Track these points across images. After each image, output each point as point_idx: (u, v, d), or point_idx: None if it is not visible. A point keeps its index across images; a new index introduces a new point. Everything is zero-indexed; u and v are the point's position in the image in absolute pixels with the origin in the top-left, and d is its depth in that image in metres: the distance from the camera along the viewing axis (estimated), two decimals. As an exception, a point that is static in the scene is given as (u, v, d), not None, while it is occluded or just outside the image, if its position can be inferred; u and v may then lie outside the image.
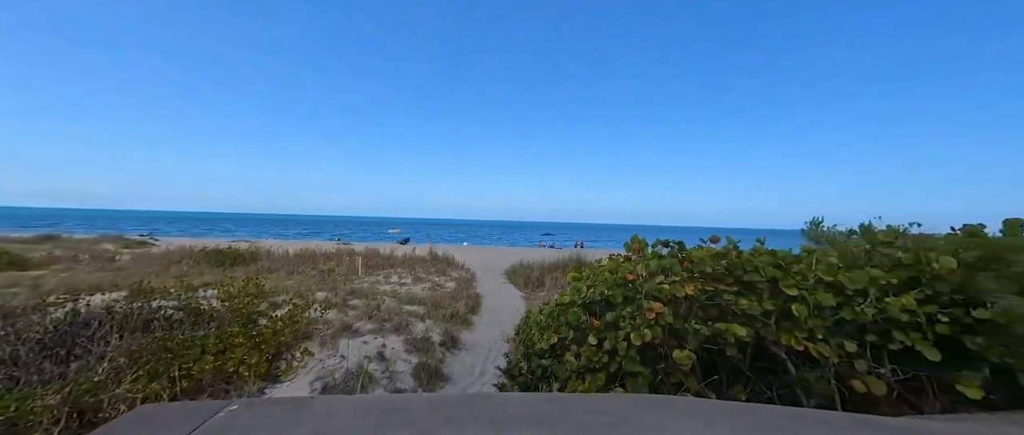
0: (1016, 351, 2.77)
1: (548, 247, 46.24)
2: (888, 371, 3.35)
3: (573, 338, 3.55)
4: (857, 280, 3.03)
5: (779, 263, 3.22)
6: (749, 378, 3.86)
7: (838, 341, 3.07)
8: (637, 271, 3.55)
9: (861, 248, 3.46)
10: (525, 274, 16.11)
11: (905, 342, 3.05)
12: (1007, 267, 2.94)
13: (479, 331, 8.90)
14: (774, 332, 3.10)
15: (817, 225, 4.10)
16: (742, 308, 3.02)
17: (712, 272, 3.33)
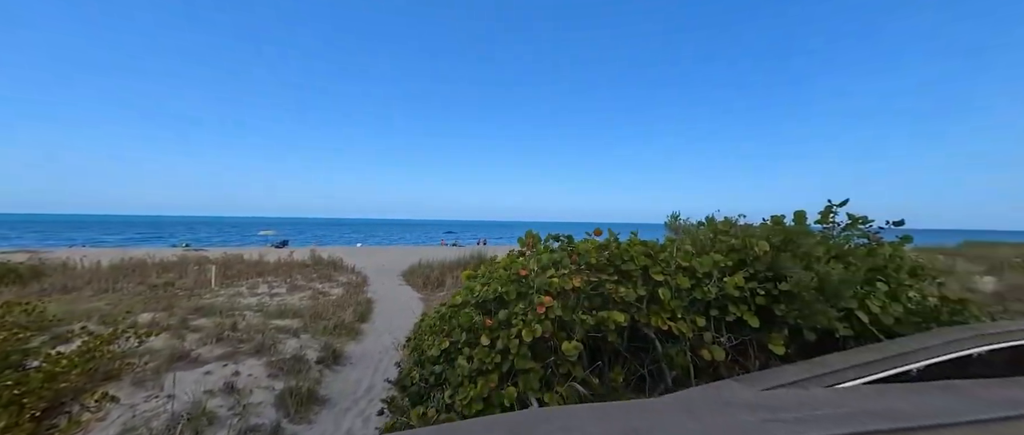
0: (803, 313, 3.62)
1: (450, 245, 45.50)
2: (725, 339, 4.06)
3: (466, 340, 3.34)
4: (705, 264, 3.57)
5: (649, 252, 3.56)
6: (626, 359, 4.25)
7: (692, 318, 3.57)
8: (530, 266, 3.52)
9: (707, 236, 4.10)
10: (424, 274, 15.36)
11: (737, 314, 3.73)
12: (797, 248, 3.82)
13: (369, 341, 8.03)
14: (645, 315, 3.43)
15: (676, 218, 4.79)
16: (620, 296, 3.23)
17: (596, 263, 3.51)
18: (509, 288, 3.40)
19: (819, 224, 4.37)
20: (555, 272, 3.36)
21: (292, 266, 16.76)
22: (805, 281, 3.53)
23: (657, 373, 4.14)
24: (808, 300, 3.48)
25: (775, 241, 3.88)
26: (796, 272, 3.63)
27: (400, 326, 8.68)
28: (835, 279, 3.60)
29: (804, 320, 3.62)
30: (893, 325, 4.17)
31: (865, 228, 4.29)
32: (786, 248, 3.83)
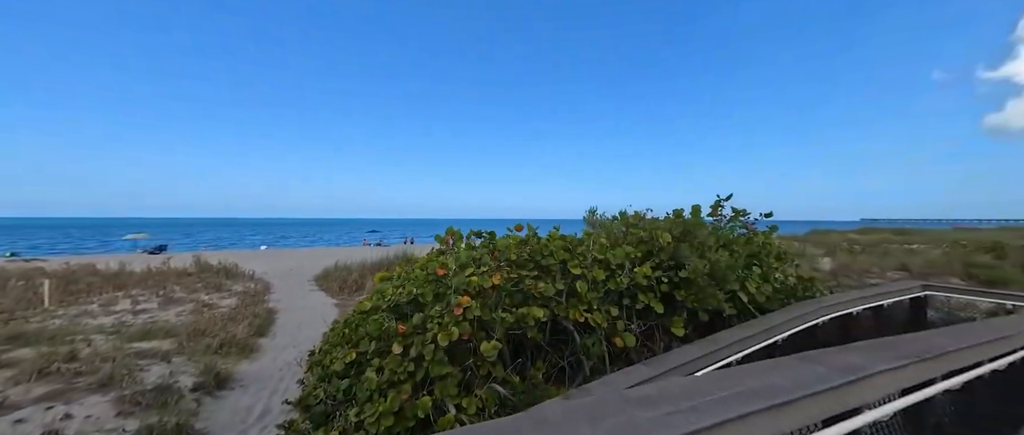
0: (698, 297, 4.04)
1: (374, 245, 42.35)
2: (636, 326, 4.36)
3: (376, 350, 3.00)
4: (618, 256, 3.75)
5: (568, 246, 3.61)
6: (548, 352, 4.31)
7: (607, 308, 3.73)
8: (449, 265, 3.31)
9: (620, 230, 4.34)
10: (341, 277, 13.92)
11: (645, 301, 4.01)
12: (694, 238, 4.25)
13: (267, 358, 6.94)
14: (564, 309, 3.47)
15: (594, 213, 5.04)
16: (540, 291, 3.21)
17: (516, 259, 3.44)
18: (425, 289, 3.15)
19: (710, 217, 4.96)
20: (475, 270, 3.20)
21: (168, 275, 13.81)
22: (700, 268, 3.94)
23: (576, 364, 4.27)
24: (702, 285, 3.89)
25: (676, 233, 4.27)
26: (693, 260, 4.04)
27: (309, 338, 7.69)
28: (723, 265, 4.09)
29: (699, 303, 4.04)
30: (765, 302, 4.92)
31: (744, 220, 4.98)
32: (685, 239, 4.24)
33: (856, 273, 10.96)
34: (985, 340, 2.58)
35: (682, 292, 4.00)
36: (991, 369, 2.45)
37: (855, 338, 5.42)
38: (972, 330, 2.89)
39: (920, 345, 2.11)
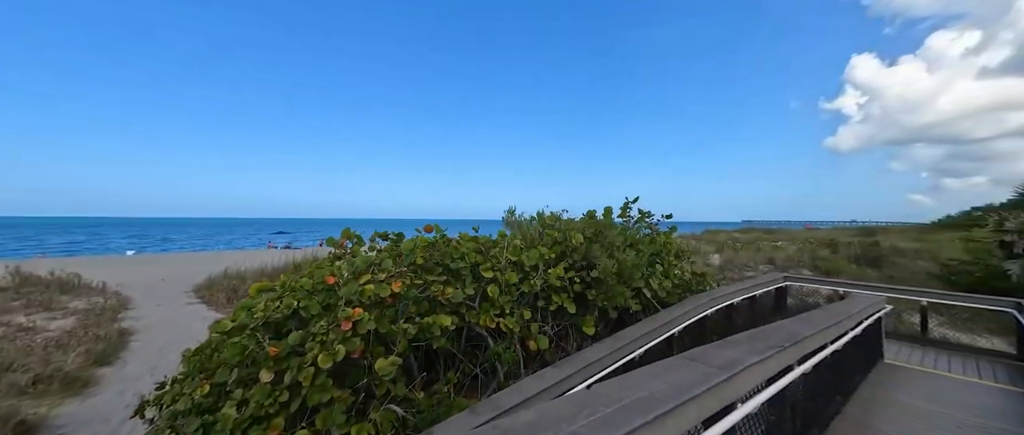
0: (607, 295, 4.17)
1: (281, 248, 36.72)
2: (550, 327, 4.36)
3: (238, 379, 2.43)
4: (532, 258, 3.68)
5: (481, 248, 3.41)
6: (462, 361, 4.07)
7: (520, 311, 3.63)
8: (342, 272, 2.86)
9: (537, 230, 4.29)
10: (231, 287, 11.76)
11: (559, 302, 4.02)
12: (604, 239, 4.40)
13: (110, 393, 5.41)
14: (476, 315, 3.27)
15: (512, 213, 4.97)
16: (448, 297, 2.94)
17: (423, 263, 3.13)
18: (310, 302, 2.67)
19: (620, 218, 5.24)
20: (372, 277, 2.81)
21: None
22: (609, 268, 4.08)
23: (491, 371, 4.12)
24: (611, 284, 4.04)
25: (589, 233, 4.39)
26: (603, 260, 4.17)
27: (175, 363, 6.27)
28: (630, 264, 4.30)
29: (608, 302, 4.19)
30: (666, 297, 5.34)
31: (649, 221, 5.36)
32: (597, 239, 4.37)
33: (738, 267, 12.84)
34: (829, 324, 3.04)
35: (593, 292, 4.10)
36: (832, 350, 2.88)
37: (737, 325, 6.21)
38: (819, 315, 3.41)
39: (782, 334, 2.36)
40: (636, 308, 4.66)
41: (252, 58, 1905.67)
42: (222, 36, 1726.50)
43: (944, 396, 3.88)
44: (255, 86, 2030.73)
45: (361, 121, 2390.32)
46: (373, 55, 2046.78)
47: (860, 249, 13.63)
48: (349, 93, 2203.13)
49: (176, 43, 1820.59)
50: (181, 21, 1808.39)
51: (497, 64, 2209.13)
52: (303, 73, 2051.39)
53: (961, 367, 4.74)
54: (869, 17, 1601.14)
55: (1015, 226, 8.11)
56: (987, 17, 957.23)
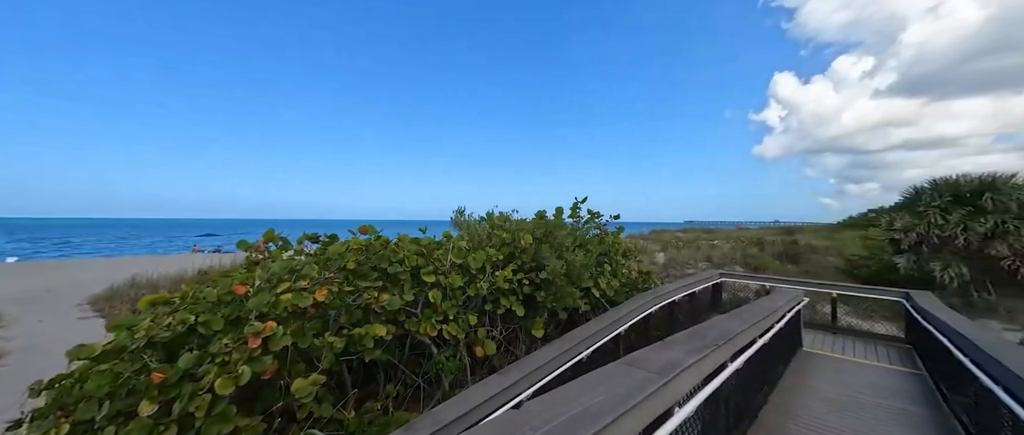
0: (556, 296, 4.13)
1: (210, 252, 32.34)
2: (498, 331, 4.23)
3: (109, 413, 1.99)
4: (479, 260, 3.52)
5: (422, 251, 3.18)
6: (403, 372, 3.80)
7: (466, 317, 3.45)
8: (254, 280, 2.49)
9: (485, 231, 4.14)
10: (138, 297, 10.17)
11: (507, 305, 3.90)
12: (554, 239, 4.36)
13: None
14: (416, 322, 3.03)
15: (461, 213, 4.78)
16: (383, 304, 2.68)
17: (356, 269, 2.83)
18: (211, 317, 2.28)
19: (570, 218, 5.26)
20: (292, 285, 2.48)
21: None
22: (558, 269, 4.05)
23: (436, 380, 3.90)
24: (560, 285, 4.01)
25: (538, 234, 4.33)
26: (552, 261, 4.13)
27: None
28: (578, 264, 4.30)
29: (558, 303, 4.16)
30: (614, 296, 5.46)
31: (598, 221, 5.44)
32: (547, 240, 4.33)
33: (680, 265, 13.67)
34: (758, 319, 3.22)
35: (543, 293, 4.03)
36: (761, 344, 3.03)
37: (678, 320, 6.52)
38: (750, 311, 3.63)
39: (717, 332, 2.42)
40: (585, 308, 4.69)
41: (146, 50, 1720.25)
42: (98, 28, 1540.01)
43: (850, 379, 4.32)
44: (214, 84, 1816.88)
45: (329, 121, 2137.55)
46: (358, 51, 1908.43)
47: (782, 247, 15.16)
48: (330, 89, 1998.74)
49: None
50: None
51: (458, 68, 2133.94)
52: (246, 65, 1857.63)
53: (863, 351, 5.35)
54: (788, 40, 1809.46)
55: (901, 226, 9.42)
56: (878, 46, 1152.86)
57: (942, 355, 3.95)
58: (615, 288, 5.22)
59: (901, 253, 9.49)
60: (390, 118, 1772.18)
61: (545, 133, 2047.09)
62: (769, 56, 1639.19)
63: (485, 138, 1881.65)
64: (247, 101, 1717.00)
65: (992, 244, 8.16)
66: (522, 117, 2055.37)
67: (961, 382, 3.31)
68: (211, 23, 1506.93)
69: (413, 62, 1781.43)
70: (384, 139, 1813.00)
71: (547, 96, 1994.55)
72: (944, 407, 3.59)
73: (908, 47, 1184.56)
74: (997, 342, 2.93)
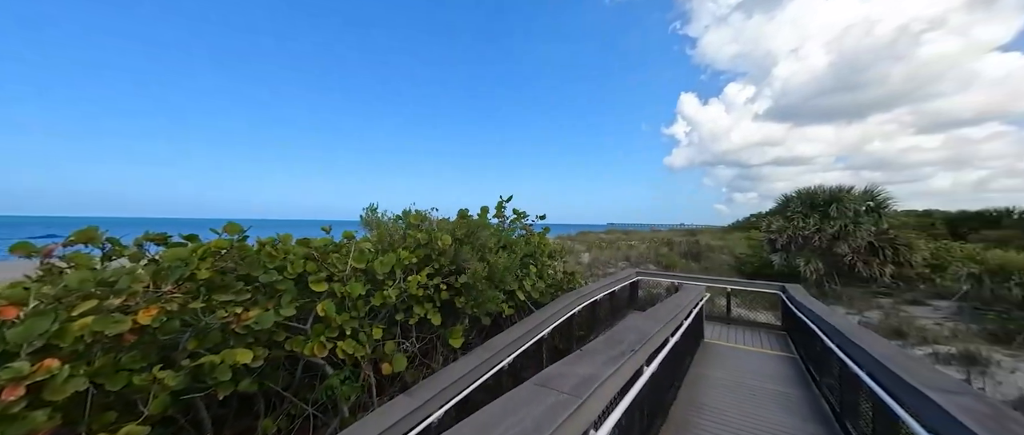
0: (477, 301, 3.84)
1: (42, 257, 24.71)
2: (412, 343, 3.80)
3: None
4: (386, 264, 3.07)
5: (313, 254, 2.63)
6: (290, 401, 3.15)
7: (368, 330, 2.97)
8: (35, 298, 1.73)
9: (399, 231, 3.67)
10: None
11: (421, 314, 3.50)
12: (476, 240, 4.07)
13: None
14: (301, 342, 2.48)
15: (373, 211, 4.23)
16: (248, 323, 2.10)
17: (212, 278, 2.19)
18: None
19: (495, 218, 5.04)
20: (102, 304, 1.78)
21: None
22: (479, 272, 3.77)
23: (332, 406, 3.32)
24: (481, 289, 3.73)
25: (459, 234, 4.00)
26: (473, 264, 3.83)
27: None
28: (502, 266, 4.08)
29: (478, 308, 3.88)
30: (540, 298, 5.37)
31: (525, 221, 5.31)
32: (468, 241, 4.02)
33: (603, 264, 14.48)
34: (671, 317, 3.31)
35: (462, 299, 3.71)
36: (673, 343, 3.11)
37: (600, 319, 6.73)
38: (663, 309, 3.77)
39: (634, 335, 2.36)
40: (509, 312, 4.49)
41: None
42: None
43: (740, 364, 4.80)
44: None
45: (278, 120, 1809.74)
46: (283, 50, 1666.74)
47: (687, 246, 16.98)
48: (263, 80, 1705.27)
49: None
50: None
51: (389, 68, 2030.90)
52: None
53: (751, 339, 6.05)
54: (692, 65, 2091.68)
55: (776, 228, 11.11)
56: (758, 77, 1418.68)
57: (809, 339, 4.59)
58: (541, 290, 5.12)
59: (776, 251, 11.21)
60: (315, 114, 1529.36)
61: (481, 135, 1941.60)
62: (677, 78, 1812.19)
63: (420, 139, 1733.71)
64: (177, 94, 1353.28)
65: (838, 244, 10.03)
66: (458, 120, 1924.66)
67: (826, 364, 3.80)
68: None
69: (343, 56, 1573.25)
70: (314, 138, 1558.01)
71: (483, 99, 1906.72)
72: (813, 387, 4.11)
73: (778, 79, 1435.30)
74: (855, 329, 3.38)
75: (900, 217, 10.97)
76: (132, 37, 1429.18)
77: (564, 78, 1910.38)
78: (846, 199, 10.43)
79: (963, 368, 5.29)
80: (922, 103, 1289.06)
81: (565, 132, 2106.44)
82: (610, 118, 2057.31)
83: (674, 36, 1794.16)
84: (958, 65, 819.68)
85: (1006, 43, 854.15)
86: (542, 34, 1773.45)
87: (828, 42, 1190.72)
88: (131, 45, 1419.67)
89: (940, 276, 9.31)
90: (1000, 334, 6.19)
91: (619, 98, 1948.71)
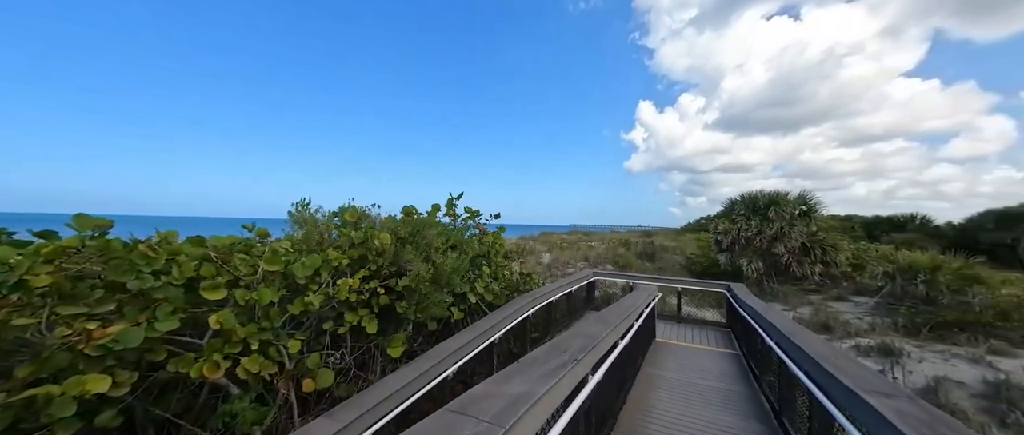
0: (421, 306, 3.53)
1: None
2: (346, 354, 3.40)
3: None
4: (310, 265, 2.68)
5: (209, 254, 2.20)
6: (188, 429, 2.65)
7: (284, 344, 2.57)
8: None
9: (327, 229, 3.27)
10: None
11: (354, 321, 3.13)
12: (421, 239, 3.75)
13: None
14: (190, 361, 2.05)
15: (304, 206, 3.77)
16: (104, 342, 1.67)
17: (57, 285, 1.72)
18: None
19: (446, 216, 4.74)
20: None
21: None
22: (423, 273, 3.47)
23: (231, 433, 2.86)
24: (425, 292, 3.42)
25: (403, 233, 3.67)
26: (416, 265, 3.52)
27: None
28: (449, 268, 3.79)
29: (423, 313, 3.57)
30: (494, 300, 5.13)
31: (478, 220, 5.05)
32: (411, 240, 3.69)
33: (563, 265, 14.58)
34: (621, 319, 3.21)
35: (404, 304, 3.38)
36: (623, 346, 3.00)
37: (556, 321, 6.63)
38: (614, 310, 3.67)
39: (580, 341, 2.20)
40: (458, 315, 4.21)
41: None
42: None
43: (689, 363, 4.87)
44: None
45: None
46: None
47: (642, 247, 17.58)
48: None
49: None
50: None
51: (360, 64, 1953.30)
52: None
53: (699, 337, 6.22)
54: (650, 74, 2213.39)
55: (722, 230, 11.73)
56: (708, 89, 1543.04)
57: (751, 337, 4.75)
58: (495, 292, 4.89)
59: (722, 251, 11.84)
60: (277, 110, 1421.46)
61: (447, 135, 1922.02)
62: (637, 86, 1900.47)
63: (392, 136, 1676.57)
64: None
65: (776, 245, 10.76)
66: (420, 120, 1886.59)
67: (766, 361, 3.91)
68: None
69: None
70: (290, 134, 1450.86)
71: (454, 100, 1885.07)
72: (754, 384, 4.23)
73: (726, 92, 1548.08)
74: (792, 327, 3.46)
75: (827, 221, 12.01)
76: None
77: (531, 83, 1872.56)
78: (783, 203, 11.26)
79: (881, 359, 5.77)
80: (845, 119, 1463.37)
81: (531, 135, 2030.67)
82: (574, 122, 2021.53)
83: (634, 46, 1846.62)
84: (873, 87, 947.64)
85: (910, 70, 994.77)
86: (510, 37, 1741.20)
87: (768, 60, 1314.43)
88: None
89: (859, 274, 10.28)
90: (909, 326, 6.87)
91: (583, 103, 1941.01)
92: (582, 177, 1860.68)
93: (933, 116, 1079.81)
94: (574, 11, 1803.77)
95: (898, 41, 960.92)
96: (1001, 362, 5.36)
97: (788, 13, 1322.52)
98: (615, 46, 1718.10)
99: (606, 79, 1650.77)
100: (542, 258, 15.94)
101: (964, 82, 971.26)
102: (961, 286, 7.40)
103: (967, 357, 5.58)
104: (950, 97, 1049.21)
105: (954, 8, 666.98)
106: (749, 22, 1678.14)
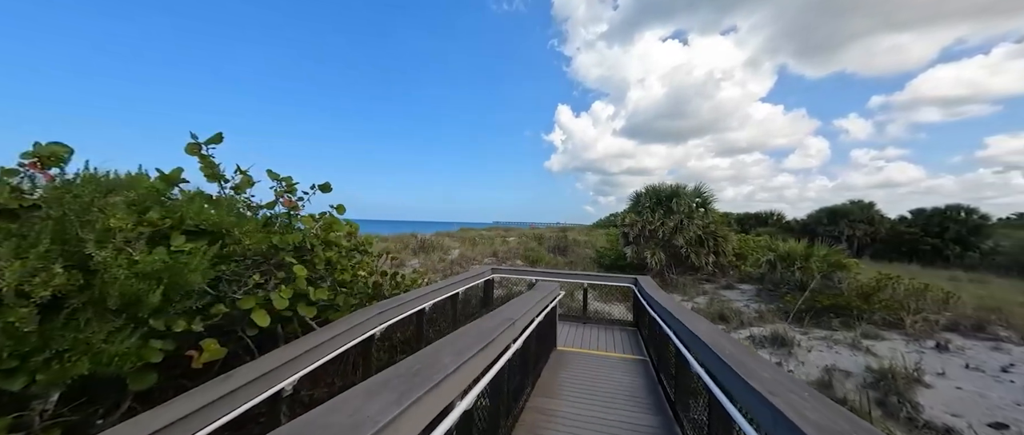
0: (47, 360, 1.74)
1: None
2: None
3: None
4: None
5: None
6: None
7: None
8: None
9: None
10: None
11: None
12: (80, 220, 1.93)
13: None
14: None
15: None
16: None
17: None
18: None
19: (216, 183, 2.91)
20: None
21: None
22: (68, 287, 1.69)
23: None
24: (79, 325, 1.66)
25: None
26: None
27: None
28: (146, 273, 2.06)
29: (50, 374, 1.79)
30: (324, 314, 3.49)
31: (292, 196, 3.30)
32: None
33: (469, 260, 13.26)
34: (507, 325, 1.98)
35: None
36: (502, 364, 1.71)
37: (456, 319, 5.21)
38: (505, 310, 2.61)
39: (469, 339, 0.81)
40: (219, 354, 2.46)
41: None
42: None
43: (594, 372, 3.99)
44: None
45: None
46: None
47: (555, 241, 17.17)
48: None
49: None
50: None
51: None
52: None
53: (605, 340, 5.39)
54: (568, 80, 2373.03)
55: (628, 222, 11.60)
56: (617, 98, 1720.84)
57: (660, 340, 3.99)
58: (330, 300, 3.24)
59: (629, 244, 11.73)
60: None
61: (375, 130, 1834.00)
62: (555, 90, 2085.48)
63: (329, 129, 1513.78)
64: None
65: (676, 236, 10.89)
66: (342, 111, 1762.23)
67: (670, 359, 3.30)
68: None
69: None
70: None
71: (379, 98, 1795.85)
72: (658, 385, 3.57)
73: (631, 102, 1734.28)
74: (695, 321, 2.81)
75: (718, 214, 12.81)
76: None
77: (454, 81, 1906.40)
78: (683, 195, 11.57)
79: (775, 350, 5.60)
80: (720, 133, 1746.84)
81: (456, 133, 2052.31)
82: (498, 121, 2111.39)
83: (553, 52, 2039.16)
84: (740, 108, 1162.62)
85: (764, 96, 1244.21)
86: (433, 31, 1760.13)
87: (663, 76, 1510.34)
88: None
89: (743, 264, 10.97)
90: (792, 313, 7.07)
91: (507, 104, 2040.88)
92: (506, 176, 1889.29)
93: (778, 135, 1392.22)
94: (497, 10, 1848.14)
95: (757, 71, 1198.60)
96: (875, 346, 5.53)
97: (678, 38, 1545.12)
98: (536, 51, 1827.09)
99: (528, 82, 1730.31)
100: (450, 253, 14.39)
101: (798, 109, 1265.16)
102: (829, 272, 7.96)
103: (846, 343, 5.69)
104: (789, 120, 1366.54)
105: (794, 49, 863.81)
106: (649, 42, 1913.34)
